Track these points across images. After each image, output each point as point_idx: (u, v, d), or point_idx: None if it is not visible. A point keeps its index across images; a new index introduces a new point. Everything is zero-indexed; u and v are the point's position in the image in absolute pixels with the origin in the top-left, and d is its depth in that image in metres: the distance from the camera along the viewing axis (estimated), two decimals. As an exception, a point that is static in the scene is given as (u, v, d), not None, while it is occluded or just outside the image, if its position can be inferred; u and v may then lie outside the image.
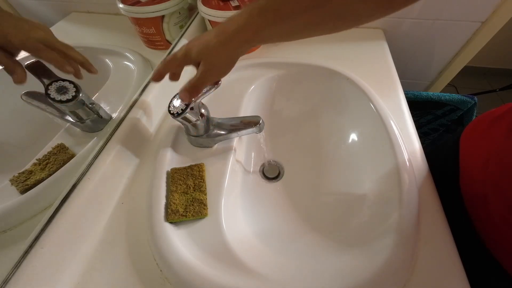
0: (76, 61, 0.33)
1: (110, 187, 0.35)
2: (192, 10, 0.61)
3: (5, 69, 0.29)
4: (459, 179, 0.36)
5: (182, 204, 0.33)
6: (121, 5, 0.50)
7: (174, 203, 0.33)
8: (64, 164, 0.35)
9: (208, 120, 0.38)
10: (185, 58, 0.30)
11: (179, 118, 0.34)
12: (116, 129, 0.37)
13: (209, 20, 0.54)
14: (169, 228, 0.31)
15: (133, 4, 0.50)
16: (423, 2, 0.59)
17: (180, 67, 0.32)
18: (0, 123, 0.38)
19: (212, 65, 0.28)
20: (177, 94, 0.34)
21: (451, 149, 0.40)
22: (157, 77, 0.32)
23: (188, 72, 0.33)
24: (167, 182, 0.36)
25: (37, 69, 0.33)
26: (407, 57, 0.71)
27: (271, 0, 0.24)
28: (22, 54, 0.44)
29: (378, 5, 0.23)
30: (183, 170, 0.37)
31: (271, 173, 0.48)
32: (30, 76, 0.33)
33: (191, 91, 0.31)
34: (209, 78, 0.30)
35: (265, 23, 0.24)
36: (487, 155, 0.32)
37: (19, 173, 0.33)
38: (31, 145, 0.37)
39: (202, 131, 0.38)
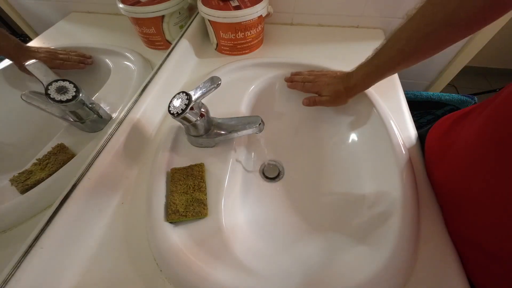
0: (77, 60, 0.44)
1: (110, 187, 0.35)
2: (192, 10, 0.61)
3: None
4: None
5: (182, 204, 0.33)
6: (121, 5, 0.50)
7: (174, 203, 0.33)
8: (64, 164, 0.35)
9: (208, 120, 0.38)
10: (311, 88, 0.47)
11: (179, 118, 0.34)
12: (116, 129, 0.37)
13: (209, 20, 0.54)
14: (169, 228, 0.31)
15: (133, 4, 0.50)
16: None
17: (301, 87, 0.48)
18: (0, 123, 0.38)
19: (335, 103, 0.45)
20: (177, 94, 0.34)
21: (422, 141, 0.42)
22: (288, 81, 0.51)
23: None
24: (167, 182, 0.36)
25: (37, 69, 0.33)
26: (407, 57, 0.71)
27: (374, 69, 0.39)
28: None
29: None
30: (183, 170, 0.37)
31: (271, 173, 0.48)
32: (30, 76, 0.33)
33: (311, 103, 0.47)
34: (328, 106, 0.46)
35: (371, 81, 0.41)
36: (444, 152, 0.34)
37: (19, 173, 0.32)
38: (31, 145, 0.37)
39: (202, 131, 0.38)
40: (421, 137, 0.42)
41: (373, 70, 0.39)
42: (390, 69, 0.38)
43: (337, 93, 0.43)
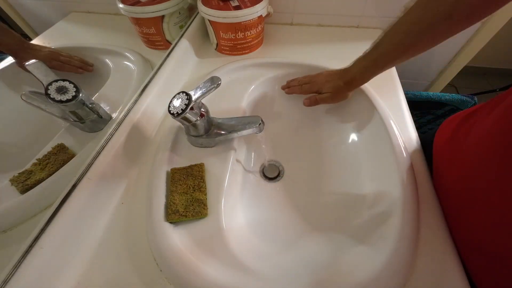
0: (77, 65, 0.44)
1: (110, 187, 0.35)
2: (192, 10, 0.61)
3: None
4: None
5: (182, 204, 0.33)
6: (121, 5, 0.50)
7: (174, 203, 0.33)
8: (64, 164, 0.35)
9: (208, 120, 0.38)
10: (310, 89, 0.46)
11: (179, 118, 0.34)
12: (116, 129, 0.37)
13: (209, 20, 0.54)
14: (169, 228, 0.31)
15: (133, 4, 0.50)
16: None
17: (299, 90, 0.48)
18: (0, 123, 0.38)
19: (337, 98, 0.45)
20: (177, 94, 0.34)
21: (430, 145, 0.41)
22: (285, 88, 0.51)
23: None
24: (167, 182, 0.36)
25: (37, 69, 0.33)
26: (407, 57, 0.72)
27: (373, 63, 0.39)
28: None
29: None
30: (183, 170, 0.37)
31: (271, 173, 0.48)
32: (30, 76, 0.33)
33: (312, 103, 0.46)
34: (330, 102, 0.46)
35: (370, 75, 0.40)
36: (453, 154, 0.34)
37: (19, 173, 0.32)
38: (31, 145, 0.37)
39: (202, 131, 0.38)
40: (426, 141, 0.41)
41: (371, 64, 0.39)
42: (389, 63, 0.38)
43: (337, 88, 0.43)
